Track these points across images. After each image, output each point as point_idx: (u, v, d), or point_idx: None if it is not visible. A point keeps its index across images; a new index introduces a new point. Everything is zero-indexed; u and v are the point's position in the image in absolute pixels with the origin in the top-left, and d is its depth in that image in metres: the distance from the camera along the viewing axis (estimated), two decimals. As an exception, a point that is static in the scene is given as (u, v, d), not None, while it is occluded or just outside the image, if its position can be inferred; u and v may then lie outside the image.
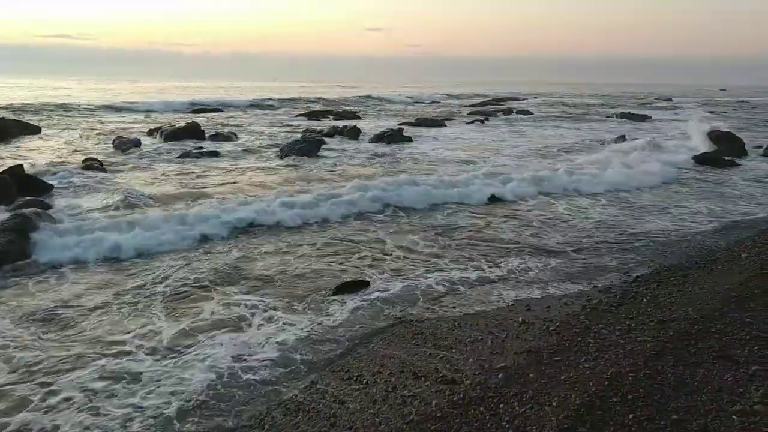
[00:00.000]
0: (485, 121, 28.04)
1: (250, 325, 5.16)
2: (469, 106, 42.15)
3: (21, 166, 10.35)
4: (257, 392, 4.10)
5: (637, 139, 18.79)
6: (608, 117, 33.52)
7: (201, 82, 79.51)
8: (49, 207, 8.74)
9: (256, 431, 3.64)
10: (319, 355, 4.64)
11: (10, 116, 20.97)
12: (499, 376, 4.19)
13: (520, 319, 5.24)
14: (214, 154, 15.03)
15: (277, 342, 4.84)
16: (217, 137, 18.30)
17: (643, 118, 32.58)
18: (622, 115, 33.37)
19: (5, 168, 10.23)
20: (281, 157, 14.86)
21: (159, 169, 12.82)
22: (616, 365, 4.27)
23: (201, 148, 15.82)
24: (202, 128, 18.69)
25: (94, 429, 3.63)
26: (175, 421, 3.72)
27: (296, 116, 29.27)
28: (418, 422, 3.65)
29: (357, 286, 6.07)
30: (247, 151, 16.11)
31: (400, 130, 20.17)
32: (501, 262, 7.04)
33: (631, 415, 3.56)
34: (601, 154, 14.89)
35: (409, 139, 19.01)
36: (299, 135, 18.96)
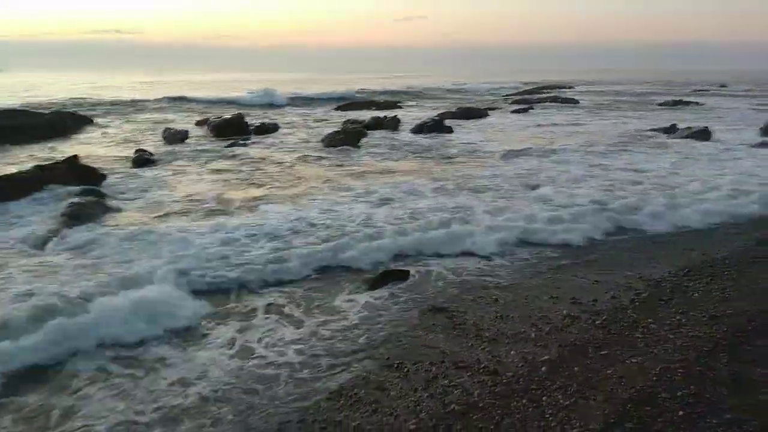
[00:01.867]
0: (529, 111, 27.49)
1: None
2: (512, 95, 41.36)
3: (77, 156, 10.82)
4: (302, 376, 4.18)
5: (690, 128, 18.04)
6: (660, 105, 32.27)
7: (252, 74, 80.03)
8: (103, 196, 9.10)
9: (301, 412, 3.71)
10: (360, 341, 4.68)
11: (66, 109, 21.94)
12: (543, 368, 4.14)
13: (564, 312, 5.15)
14: (257, 145, 15.31)
15: (319, 328, 4.92)
16: (261, 129, 18.61)
17: (696, 105, 31.24)
18: (674, 103, 32.08)
19: (63, 158, 10.73)
20: (324, 148, 14.99)
21: (207, 161, 13.12)
22: (665, 361, 4.14)
23: (247, 139, 16.13)
24: (246, 120, 19.06)
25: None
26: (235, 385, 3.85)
27: (336, 108, 29.41)
28: (459, 412, 3.65)
29: (398, 275, 6.08)
30: (290, 144, 16.31)
31: (441, 120, 19.99)
32: (547, 254, 6.91)
33: (681, 412, 3.45)
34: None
35: (450, 130, 18.81)
36: (340, 126, 19.09)
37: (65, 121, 18.87)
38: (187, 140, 16.28)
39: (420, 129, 18.75)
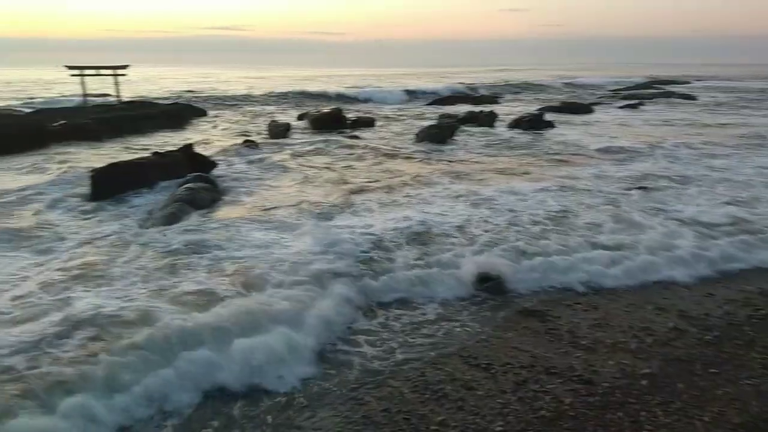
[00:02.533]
0: (639, 107, 25.76)
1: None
2: (620, 90, 38.98)
3: (191, 145, 11.67)
4: (387, 369, 4.23)
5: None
6: (791, 103, 28.92)
7: (352, 69, 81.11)
8: (215, 185, 9.69)
9: (386, 402, 3.77)
10: (449, 340, 4.66)
11: (182, 102, 23.76)
12: (643, 382, 3.89)
13: (670, 324, 4.80)
14: (354, 139, 15.66)
15: (410, 326, 4.96)
16: (358, 123, 19.02)
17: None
18: (810, 101, 28.62)
19: (179, 146, 11.62)
20: (418, 143, 15.03)
21: (307, 154, 13.60)
22: (788, 386, 3.74)
23: (344, 132, 16.56)
24: (343, 114, 19.56)
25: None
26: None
27: (432, 103, 29.32)
28: (549, 419, 3.53)
29: (490, 277, 5.95)
30: (385, 137, 16.50)
31: (540, 115, 19.30)
32: (654, 262, 6.45)
33: (805, 446, 3.10)
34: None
35: (551, 125, 18.11)
36: (435, 120, 19.03)
37: (181, 112, 20.50)
38: (289, 132, 17.01)
39: (517, 124, 18.22)
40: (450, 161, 12.57)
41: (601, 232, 7.13)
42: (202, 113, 21.77)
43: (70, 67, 20.20)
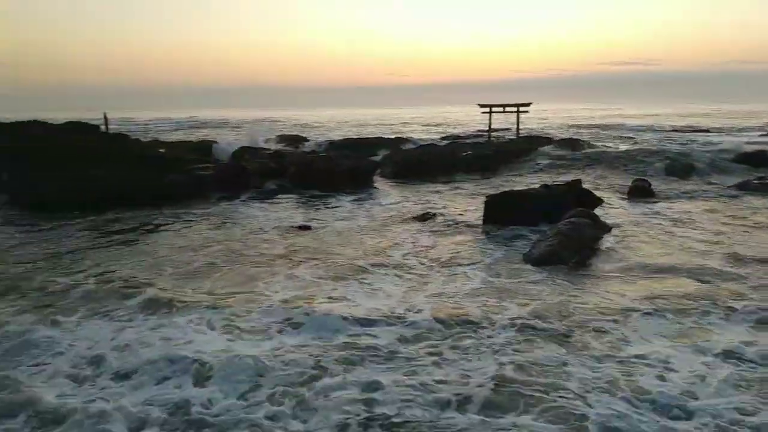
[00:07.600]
0: None
1: None
2: None
3: (579, 180, 11.49)
4: None
5: None
6: None
7: None
8: (597, 221, 9.22)
9: None
10: None
11: (577, 137, 24.01)
12: None
13: None
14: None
15: None
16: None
17: None
18: None
19: (567, 181, 11.64)
20: None
21: (719, 206, 11.15)
22: None
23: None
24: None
25: None
26: None
27: None
28: None
29: None
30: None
31: None
32: None
33: None
34: None
35: None
36: None
37: (573, 145, 20.85)
38: (692, 173, 14.95)
39: None
40: None
41: None
42: (592, 147, 21.49)
43: (482, 105, 23.01)
